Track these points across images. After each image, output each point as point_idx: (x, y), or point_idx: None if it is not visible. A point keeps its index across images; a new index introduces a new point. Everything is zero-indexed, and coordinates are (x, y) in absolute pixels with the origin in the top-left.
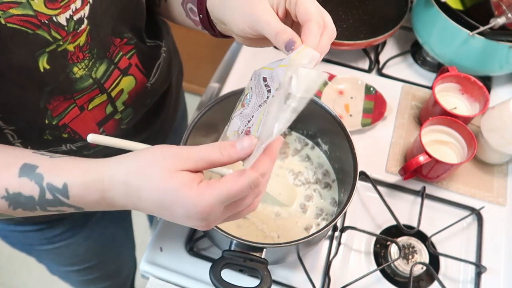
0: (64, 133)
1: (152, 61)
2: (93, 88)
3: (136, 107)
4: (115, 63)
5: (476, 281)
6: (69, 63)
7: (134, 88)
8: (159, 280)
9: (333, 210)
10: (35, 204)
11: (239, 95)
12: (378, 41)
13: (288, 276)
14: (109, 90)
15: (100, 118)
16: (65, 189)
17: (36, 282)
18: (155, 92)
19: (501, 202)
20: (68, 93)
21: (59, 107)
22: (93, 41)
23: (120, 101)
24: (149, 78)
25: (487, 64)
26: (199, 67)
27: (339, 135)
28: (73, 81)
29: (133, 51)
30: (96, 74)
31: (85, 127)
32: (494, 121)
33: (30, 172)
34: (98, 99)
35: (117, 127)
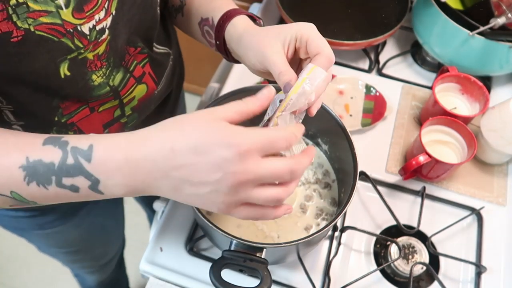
0: (70, 131)
1: (162, 69)
2: (109, 95)
3: (141, 112)
4: (130, 72)
5: (476, 281)
6: (88, 71)
7: (144, 96)
8: (159, 280)
9: (333, 210)
10: (52, 173)
11: (239, 95)
12: (378, 41)
13: (288, 276)
14: (123, 97)
15: (107, 120)
16: (89, 151)
17: (36, 282)
18: (159, 98)
19: (501, 202)
20: (83, 98)
21: (71, 106)
22: (111, 50)
23: (129, 107)
24: (158, 86)
25: (487, 64)
26: (199, 67)
27: (339, 135)
28: (91, 88)
29: (146, 60)
30: (114, 82)
31: (92, 127)
32: (494, 121)
33: (55, 140)
34: (110, 103)
35: (121, 129)
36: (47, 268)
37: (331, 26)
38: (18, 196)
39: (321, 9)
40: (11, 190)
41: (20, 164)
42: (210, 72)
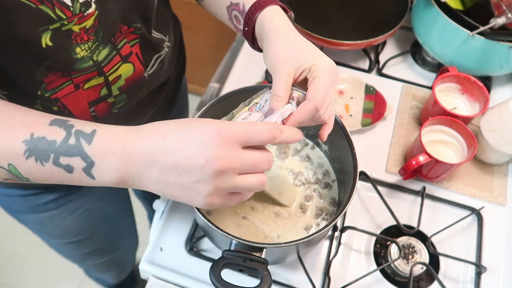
0: (54, 106)
1: (152, 53)
2: (92, 70)
3: (131, 94)
4: (118, 49)
5: (476, 281)
6: (72, 43)
7: (132, 76)
8: (159, 280)
9: (333, 210)
10: (52, 151)
11: (239, 95)
12: (378, 41)
13: (288, 276)
14: (107, 74)
15: (93, 99)
16: (92, 134)
17: (36, 282)
18: (151, 83)
19: (501, 202)
20: (66, 71)
21: (54, 81)
22: (100, 25)
23: (116, 86)
24: (147, 68)
25: (487, 64)
26: (199, 67)
27: (339, 135)
28: (74, 61)
29: (136, 40)
30: (98, 57)
31: (77, 104)
32: (494, 121)
33: (62, 122)
34: (95, 80)
35: (109, 110)
36: (47, 268)
37: (331, 26)
38: (14, 169)
39: (321, 9)
40: (9, 163)
41: (23, 139)
42: (210, 72)
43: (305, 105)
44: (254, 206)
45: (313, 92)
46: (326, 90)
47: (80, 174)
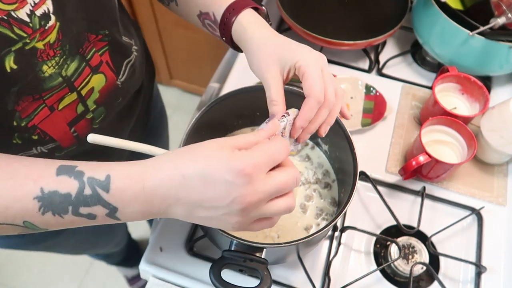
0: (33, 135)
1: (122, 59)
2: (62, 87)
3: (108, 106)
4: (87, 60)
5: (476, 281)
6: (38, 61)
7: (105, 86)
8: (159, 280)
9: (333, 210)
10: (69, 203)
11: (239, 95)
12: (378, 41)
13: (288, 276)
14: (79, 88)
15: (71, 118)
16: (107, 181)
17: (36, 282)
18: (126, 91)
19: (501, 202)
20: (36, 93)
21: (28, 108)
22: (65, 37)
23: (91, 100)
24: (119, 76)
25: (487, 64)
26: (199, 67)
27: (339, 135)
28: (42, 80)
29: (105, 48)
30: (67, 72)
31: (56, 128)
32: (494, 121)
33: (70, 170)
34: (68, 98)
35: (90, 126)
36: (47, 268)
37: (331, 26)
38: (31, 225)
39: (321, 9)
40: (24, 220)
41: (35, 195)
42: (210, 72)
43: (306, 103)
44: None
45: (308, 89)
46: (319, 81)
47: (104, 218)
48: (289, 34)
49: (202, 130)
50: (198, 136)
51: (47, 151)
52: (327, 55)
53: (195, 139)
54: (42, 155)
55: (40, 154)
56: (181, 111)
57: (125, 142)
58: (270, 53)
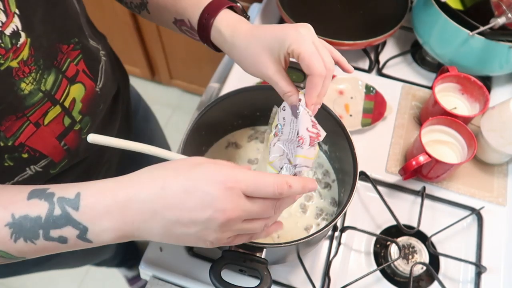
0: (23, 153)
1: (96, 64)
2: (44, 102)
3: (92, 114)
4: (63, 72)
5: (476, 281)
6: (15, 80)
7: (85, 95)
8: (159, 280)
9: (333, 210)
10: (40, 227)
11: (239, 95)
12: (378, 41)
13: (288, 276)
14: (61, 101)
15: (59, 132)
16: (77, 198)
17: (36, 282)
18: (105, 97)
19: (501, 202)
20: (19, 111)
21: (12, 126)
22: (37, 52)
23: (75, 111)
24: (97, 82)
25: (487, 64)
26: (199, 67)
27: (339, 135)
28: (22, 98)
29: (79, 57)
30: (46, 86)
31: (44, 143)
32: (494, 121)
33: (41, 193)
34: (52, 112)
35: (79, 137)
36: None
37: (331, 26)
38: (6, 254)
39: (321, 9)
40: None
41: (5, 222)
42: (210, 72)
43: (311, 81)
44: None
45: (308, 68)
46: (316, 57)
47: (76, 242)
48: None
49: (202, 130)
50: (198, 136)
51: (41, 169)
52: None
53: (195, 139)
54: (38, 175)
55: (35, 174)
56: (181, 111)
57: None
58: (258, 50)
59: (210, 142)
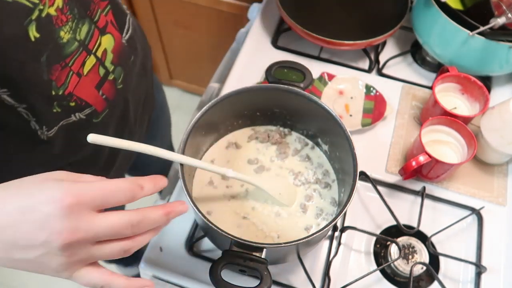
0: (71, 102)
1: (123, 16)
2: (80, 51)
3: (124, 65)
4: (95, 22)
5: (476, 281)
6: (55, 28)
7: (115, 46)
8: (159, 280)
9: (333, 210)
10: None
11: (239, 95)
12: (378, 41)
13: (288, 276)
14: (93, 51)
15: (97, 81)
16: None
17: (36, 282)
18: (134, 51)
19: (501, 202)
20: (61, 60)
21: (60, 76)
22: (70, 0)
23: (108, 61)
24: (122, 33)
25: (487, 64)
26: (199, 67)
27: (339, 135)
28: (62, 47)
29: (108, 7)
30: (80, 36)
31: (88, 92)
32: (494, 121)
33: None
34: (89, 62)
35: (114, 88)
36: None
37: (331, 26)
38: None
39: (321, 9)
40: None
41: None
42: (210, 72)
43: None
44: (254, 206)
45: None
46: None
47: None
48: (289, 34)
49: (202, 130)
50: (198, 136)
51: (85, 117)
52: (327, 55)
53: (195, 139)
54: (81, 121)
55: (79, 120)
56: (181, 111)
57: (125, 142)
58: None
59: (210, 142)
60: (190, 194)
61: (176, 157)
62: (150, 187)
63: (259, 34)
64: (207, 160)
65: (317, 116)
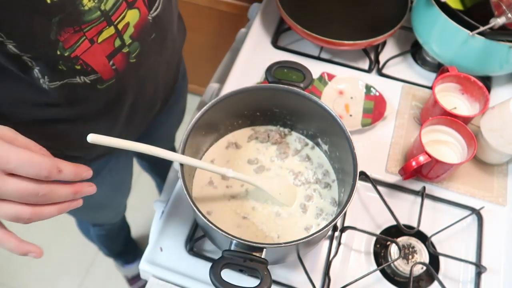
0: (76, 65)
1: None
2: (101, 21)
3: (142, 41)
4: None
5: (476, 281)
6: None
7: (139, 22)
8: (159, 280)
9: (333, 210)
10: None
11: (239, 95)
12: (378, 41)
13: (288, 276)
14: (115, 23)
15: (109, 51)
16: None
17: (36, 282)
18: (158, 29)
19: (501, 202)
20: (76, 25)
21: (70, 39)
22: None
23: (127, 35)
24: (151, 10)
25: (487, 64)
26: (199, 67)
27: (339, 135)
28: (81, 13)
29: None
30: (105, 6)
31: (96, 60)
32: (494, 121)
33: None
34: (106, 32)
35: (126, 60)
36: (47, 268)
37: (331, 26)
38: None
39: (321, 9)
40: None
41: None
42: (210, 72)
43: None
44: (254, 206)
45: None
46: None
47: None
48: (289, 34)
49: (202, 130)
50: (198, 136)
51: (90, 82)
52: (327, 55)
53: (195, 139)
54: (86, 85)
55: (83, 83)
56: None
57: (125, 142)
58: None
59: (210, 142)
60: (190, 194)
61: (176, 157)
62: (70, 174)
63: (259, 34)
64: (207, 160)
65: (317, 116)
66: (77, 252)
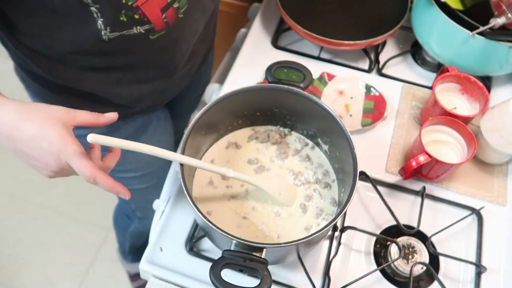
0: (136, 14)
1: None
2: None
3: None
4: None
5: (476, 281)
6: None
7: None
8: (159, 280)
9: (333, 210)
10: None
11: (239, 95)
12: (378, 41)
13: (288, 276)
14: None
15: (164, 5)
16: None
17: (36, 282)
18: None
19: (501, 202)
20: None
21: None
22: None
23: None
24: None
25: (487, 64)
26: None
27: (339, 135)
28: None
29: None
30: None
31: (152, 11)
32: (494, 121)
33: None
34: None
35: (176, 15)
36: (47, 268)
37: (331, 26)
38: None
39: (321, 9)
40: None
41: None
42: None
43: None
44: (254, 206)
45: None
46: None
47: None
48: (289, 34)
49: (202, 130)
50: (198, 136)
51: (144, 31)
52: (327, 55)
53: (195, 139)
54: (140, 35)
55: (138, 34)
56: None
57: (125, 142)
58: None
59: (210, 142)
60: (190, 194)
61: (176, 157)
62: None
63: (259, 34)
64: (207, 160)
65: (317, 116)
66: (77, 252)
